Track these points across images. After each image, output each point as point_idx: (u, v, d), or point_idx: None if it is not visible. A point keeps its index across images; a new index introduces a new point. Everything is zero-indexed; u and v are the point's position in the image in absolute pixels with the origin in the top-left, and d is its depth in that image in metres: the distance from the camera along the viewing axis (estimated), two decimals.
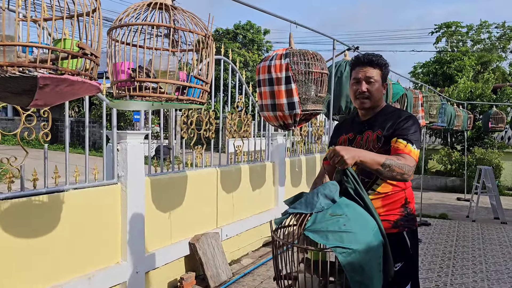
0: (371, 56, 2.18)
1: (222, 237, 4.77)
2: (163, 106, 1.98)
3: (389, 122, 2.15)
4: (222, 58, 4.89)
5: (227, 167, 5.05)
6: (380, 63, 2.17)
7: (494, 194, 7.99)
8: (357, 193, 1.85)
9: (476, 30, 30.31)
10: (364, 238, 1.71)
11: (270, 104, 3.06)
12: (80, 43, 1.30)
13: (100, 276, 3.25)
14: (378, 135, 2.15)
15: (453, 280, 4.59)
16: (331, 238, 1.68)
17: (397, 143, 2.04)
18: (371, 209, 1.82)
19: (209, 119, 4.64)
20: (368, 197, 1.84)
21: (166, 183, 4.04)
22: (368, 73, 2.15)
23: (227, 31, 28.72)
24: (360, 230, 1.72)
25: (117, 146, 3.49)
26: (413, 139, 2.06)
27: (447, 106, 7.97)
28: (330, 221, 1.71)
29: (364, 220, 1.78)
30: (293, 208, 1.84)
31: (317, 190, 1.80)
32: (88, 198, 3.24)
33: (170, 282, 4.13)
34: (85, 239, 3.21)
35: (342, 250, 1.67)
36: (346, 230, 1.69)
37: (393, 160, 1.90)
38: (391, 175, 1.89)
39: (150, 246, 3.85)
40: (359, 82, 2.17)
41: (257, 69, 3.16)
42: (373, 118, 2.23)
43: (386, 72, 2.20)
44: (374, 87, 2.15)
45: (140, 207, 3.62)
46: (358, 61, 2.21)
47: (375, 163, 1.86)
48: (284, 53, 3.06)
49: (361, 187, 1.85)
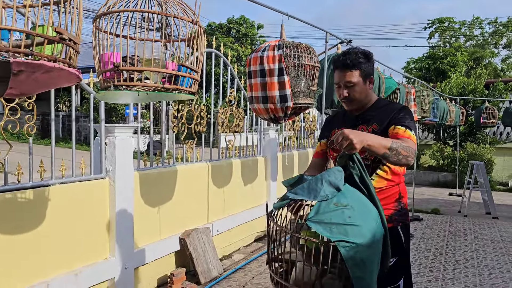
0: (346, 58, 2.09)
1: (213, 233, 4.71)
2: (151, 97, 1.91)
3: (384, 115, 2.11)
4: (214, 51, 4.81)
5: (218, 161, 4.99)
6: (357, 63, 2.08)
7: (486, 189, 8.01)
8: (362, 181, 1.79)
9: (469, 26, 30.41)
10: (368, 231, 1.65)
11: (261, 96, 3.00)
12: (57, 28, 1.23)
13: (87, 272, 3.18)
14: (374, 129, 2.11)
15: (445, 275, 4.57)
16: (335, 231, 1.61)
17: (395, 129, 2.01)
18: (375, 198, 1.77)
19: (200, 113, 4.57)
20: (373, 186, 1.79)
21: (155, 177, 3.98)
22: (347, 77, 2.09)
23: (221, 25, 28.53)
24: (364, 223, 1.66)
25: (105, 140, 3.41)
26: (411, 126, 2.03)
27: (440, 101, 7.95)
28: (335, 212, 1.64)
29: (368, 211, 1.72)
30: (294, 193, 1.75)
31: (321, 176, 1.71)
32: (75, 193, 3.16)
33: (160, 278, 4.08)
34: (72, 234, 3.14)
35: (345, 245, 1.61)
36: (351, 223, 1.62)
37: (399, 143, 1.86)
38: (397, 159, 1.84)
39: (139, 242, 3.79)
40: (340, 87, 2.13)
41: (248, 60, 3.09)
42: (366, 113, 2.19)
43: (367, 68, 2.12)
44: (355, 90, 2.10)
45: (129, 202, 3.55)
46: (335, 65, 2.15)
47: (382, 147, 1.81)
48: (277, 44, 2.99)
49: (367, 174, 1.79)
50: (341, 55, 2.13)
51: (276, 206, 1.81)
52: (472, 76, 13.85)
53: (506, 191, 11.70)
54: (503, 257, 5.26)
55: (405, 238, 2.16)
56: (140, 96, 1.68)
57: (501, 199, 9.92)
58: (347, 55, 2.10)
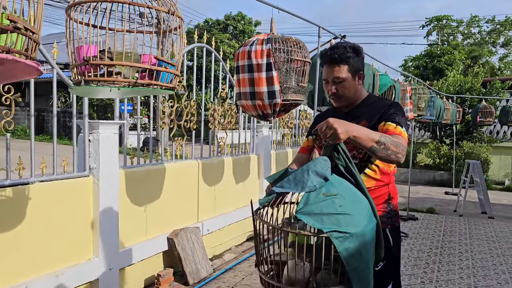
0: (334, 52, 2.00)
1: (203, 232, 4.61)
2: (126, 92, 1.80)
3: (374, 112, 2.02)
4: (205, 46, 4.70)
5: (209, 159, 4.88)
6: (346, 57, 1.98)
7: (481, 189, 7.93)
8: (348, 171, 1.70)
9: (467, 25, 30.33)
10: (360, 220, 1.57)
11: (248, 92, 2.89)
12: (10, 15, 1.12)
13: (69, 273, 3.08)
14: (363, 125, 2.00)
15: (439, 276, 4.49)
16: (326, 222, 1.52)
17: (386, 126, 1.91)
18: (363, 188, 1.68)
19: (191, 110, 4.46)
20: (359, 175, 1.70)
21: (142, 175, 3.87)
22: (335, 73, 2.00)
23: (218, 22, 28.38)
24: (356, 211, 1.57)
25: (88, 137, 3.30)
26: (402, 122, 1.93)
27: (436, 99, 7.86)
28: (325, 202, 1.55)
29: (358, 200, 1.63)
30: (280, 187, 1.65)
31: (307, 167, 1.62)
32: (57, 191, 3.05)
33: (147, 278, 3.97)
34: (54, 234, 3.03)
35: (338, 235, 1.52)
36: (343, 212, 1.54)
37: (388, 137, 1.76)
38: (385, 154, 1.74)
39: (125, 242, 3.68)
40: (328, 83, 2.05)
41: (236, 54, 2.98)
42: (356, 109, 2.10)
43: (356, 63, 2.02)
44: (343, 85, 2.02)
45: (114, 201, 3.44)
46: (323, 59, 2.06)
47: (370, 140, 1.71)
48: (266, 38, 2.88)
49: (353, 164, 1.70)
50: (329, 49, 2.03)
51: (261, 202, 1.72)
52: (470, 75, 13.74)
53: (502, 190, 11.64)
54: (499, 258, 5.18)
55: (394, 242, 2.06)
56: (113, 91, 1.57)
57: (497, 199, 9.85)
58: (335, 49, 2.01)
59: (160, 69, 1.62)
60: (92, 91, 1.74)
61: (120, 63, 1.50)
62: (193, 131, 4.59)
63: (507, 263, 4.99)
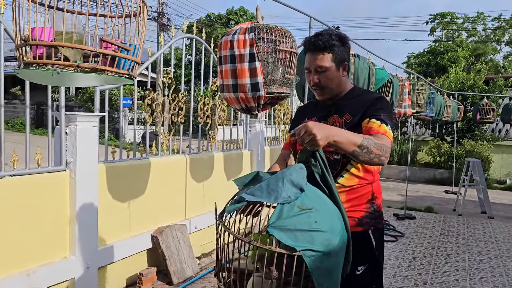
0: (317, 39, 1.85)
1: (190, 229, 4.46)
2: (73, 78, 1.61)
3: (358, 106, 1.87)
4: (194, 37, 4.53)
5: (198, 154, 4.73)
6: (330, 44, 1.84)
7: (481, 188, 7.75)
8: (324, 180, 1.58)
9: (472, 22, 30.01)
10: (334, 237, 1.46)
11: (231, 84, 2.73)
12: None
13: (42, 272, 2.93)
14: (346, 120, 1.88)
15: (433, 278, 4.33)
16: (301, 239, 1.40)
17: (370, 123, 1.78)
18: (338, 200, 1.56)
19: (178, 103, 4.30)
20: (335, 186, 1.58)
21: (125, 171, 3.72)
22: (318, 61, 1.85)
23: (220, 16, 28.15)
24: (330, 228, 1.46)
25: (65, 129, 3.14)
26: (387, 120, 1.79)
27: (436, 95, 7.66)
28: (299, 216, 1.42)
29: (332, 215, 1.51)
30: (251, 194, 1.51)
31: (282, 175, 1.49)
32: (30, 186, 2.90)
33: (129, 277, 3.83)
34: (26, 231, 2.88)
35: (311, 254, 1.41)
36: (317, 229, 1.42)
37: (371, 140, 1.64)
38: (368, 158, 1.63)
39: (106, 239, 3.54)
40: (310, 72, 1.90)
41: (218, 44, 2.82)
42: (339, 102, 1.95)
43: (341, 52, 1.87)
44: (326, 76, 1.87)
45: (92, 197, 3.29)
46: (306, 47, 1.91)
47: (351, 144, 1.59)
48: (249, 27, 2.72)
49: (329, 173, 1.58)
50: (313, 36, 1.87)
51: (229, 210, 1.56)
52: (472, 72, 13.53)
53: (503, 189, 11.45)
54: (496, 260, 5.02)
55: (377, 244, 1.91)
56: (58, 77, 1.41)
57: (497, 198, 9.67)
58: (319, 36, 1.85)
59: (109, 53, 1.46)
60: (34, 75, 1.58)
61: (59, 43, 1.34)
62: (181, 125, 4.44)
63: (505, 265, 4.83)
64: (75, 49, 1.36)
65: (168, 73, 4.17)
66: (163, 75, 4.12)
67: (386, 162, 1.69)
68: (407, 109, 5.99)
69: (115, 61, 1.62)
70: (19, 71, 1.47)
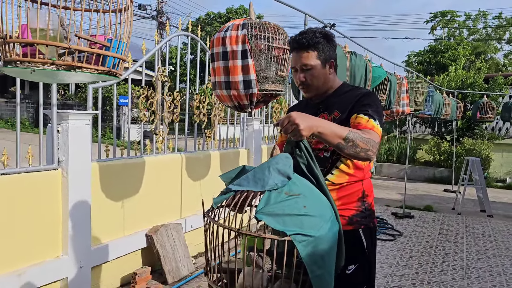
0: (302, 37, 1.83)
1: (186, 229, 4.43)
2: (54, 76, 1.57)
3: (346, 102, 1.85)
4: (190, 34, 4.50)
5: (194, 153, 4.70)
6: (314, 42, 1.81)
7: (481, 186, 7.71)
8: (310, 170, 1.55)
9: (473, 20, 29.92)
10: (325, 223, 1.42)
11: (224, 81, 2.69)
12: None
13: (33, 272, 2.91)
14: (335, 116, 1.86)
15: (431, 277, 4.29)
16: (289, 223, 1.37)
17: (357, 119, 1.75)
18: (325, 189, 1.53)
19: (173, 101, 4.27)
20: (322, 175, 1.54)
21: (119, 169, 3.69)
22: (303, 60, 1.83)
23: (219, 15, 28.08)
24: (320, 213, 1.42)
25: (57, 128, 3.11)
26: (375, 115, 1.76)
27: (435, 94, 7.63)
28: (287, 201, 1.39)
29: (321, 201, 1.48)
30: (237, 185, 1.49)
31: (268, 164, 1.47)
32: (21, 185, 2.87)
33: (124, 276, 3.80)
34: (17, 231, 2.85)
35: (302, 238, 1.37)
36: (306, 213, 1.38)
37: (357, 133, 1.62)
38: (354, 151, 1.61)
39: (99, 238, 3.51)
40: (296, 71, 1.89)
41: (211, 41, 2.78)
42: (328, 100, 1.93)
43: (326, 50, 1.85)
44: (312, 74, 1.85)
45: (85, 195, 3.26)
46: (291, 46, 1.90)
47: (336, 136, 1.57)
48: (242, 23, 2.68)
49: (315, 163, 1.55)
50: (298, 35, 1.86)
51: (216, 201, 1.54)
52: (472, 70, 13.47)
53: (503, 188, 11.40)
54: (495, 259, 4.99)
55: (368, 243, 1.87)
56: (41, 74, 1.37)
57: (497, 197, 9.63)
58: (303, 34, 1.84)
59: (85, 49, 1.42)
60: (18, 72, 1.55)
61: (34, 41, 1.30)
62: (176, 123, 4.41)
63: (503, 264, 4.79)
64: (50, 46, 1.33)
65: (164, 71, 4.14)
66: (158, 73, 4.09)
67: (373, 157, 1.67)
68: (405, 107, 5.95)
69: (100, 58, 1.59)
70: (2, 69, 1.44)
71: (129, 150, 3.90)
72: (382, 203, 8.21)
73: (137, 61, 4.02)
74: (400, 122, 13.27)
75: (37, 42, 1.29)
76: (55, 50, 1.36)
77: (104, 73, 1.49)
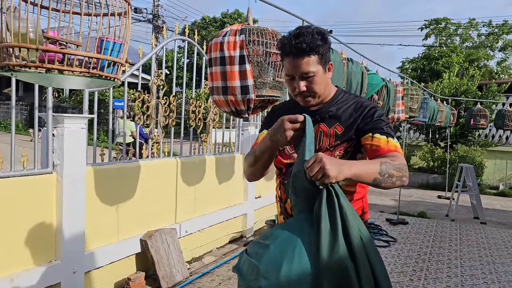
0: (301, 41, 1.58)
1: (181, 233, 4.41)
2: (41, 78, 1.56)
3: (348, 115, 1.70)
4: (187, 38, 4.49)
5: (190, 157, 4.68)
6: (315, 45, 1.59)
7: (474, 193, 7.75)
8: (317, 223, 1.38)
9: (464, 28, 30.18)
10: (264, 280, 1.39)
11: (221, 86, 2.69)
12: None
13: (26, 276, 2.87)
14: (338, 131, 1.69)
15: (425, 285, 4.29)
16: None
17: (375, 140, 1.62)
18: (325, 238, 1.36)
19: (169, 105, 4.25)
20: (340, 226, 1.38)
21: (114, 173, 3.66)
22: (304, 67, 1.60)
23: (214, 19, 28.13)
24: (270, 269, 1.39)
25: (52, 131, 3.09)
26: (391, 132, 1.66)
27: (430, 100, 7.67)
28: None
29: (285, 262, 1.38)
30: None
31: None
32: (14, 188, 2.84)
33: (117, 282, 3.76)
34: (9, 235, 2.82)
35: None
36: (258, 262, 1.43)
37: (388, 163, 1.49)
38: (390, 182, 1.49)
39: (93, 243, 3.47)
40: (293, 79, 1.65)
41: (208, 46, 2.78)
42: (325, 108, 1.74)
43: (325, 52, 1.64)
44: (315, 81, 1.64)
45: (80, 200, 3.23)
46: (285, 51, 1.63)
47: (372, 174, 1.45)
48: (240, 28, 2.68)
49: (345, 211, 1.39)
50: (293, 38, 1.60)
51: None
52: (465, 77, 13.57)
53: (496, 195, 11.47)
54: (489, 266, 5.00)
55: None
56: (12, 74, 1.36)
57: (490, 204, 9.68)
58: (300, 36, 1.59)
59: (56, 50, 1.40)
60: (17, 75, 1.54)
61: (11, 44, 1.29)
62: (172, 128, 4.39)
63: (497, 272, 4.80)
64: (31, 50, 1.31)
65: (160, 75, 4.12)
66: (154, 76, 4.07)
67: (407, 182, 1.56)
68: (401, 114, 5.98)
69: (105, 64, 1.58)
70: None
71: (124, 154, 3.87)
72: (377, 209, 8.22)
73: (133, 65, 4.00)
74: (395, 128, 13.31)
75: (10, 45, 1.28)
76: (34, 53, 1.34)
77: (98, 77, 1.47)
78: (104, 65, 1.56)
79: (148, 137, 4.12)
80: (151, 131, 4.07)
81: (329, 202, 1.38)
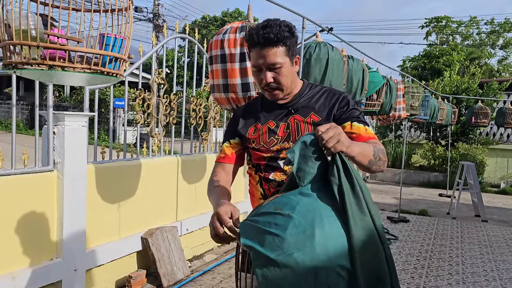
0: (267, 31, 1.57)
1: (182, 231, 4.41)
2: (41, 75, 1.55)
3: (322, 104, 1.72)
4: (187, 37, 4.49)
5: (190, 155, 4.68)
6: (283, 37, 1.59)
7: (475, 191, 7.74)
8: (341, 192, 1.33)
9: (466, 26, 30.14)
10: (296, 251, 1.27)
11: (222, 84, 2.69)
12: None
13: (27, 274, 2.87)
14: (315, 120, 1.68)
15: (426, 282, 4.29)
16: (252, 235, 1.37)
17: (354, 128, 1.64)
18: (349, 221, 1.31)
19: (170, 103, 4.25)
20: (362, 199, 1.35)
21: (115, 171, 3.66)
22: (271, 57, 1.59)
23: (215, 18, 28.12)
24: (295, 240, 1.28)
25: (53, 129, 3.09)
26: (366, 121, 1.70)
27: (431, 98, 7.66)
28: (268, 215, 1.37)
29: (310, 230, 1.29)
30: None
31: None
32: (15, 186, 2.84)
33: (118, 280, 3.77)
34: (10, 233, 2.82)
35: (253, 253, 1.33)
36: (275, 231, 1.30)
37: (376, 147, 1.53)
38: (377, 167, 1.51)
39: (94, 241, 3.48)
40: (260, 71, 1.64)
41: (209, 44, 2.77)
42: (296, 100, 1.74)
43: (293, 44, 1.64)
44: (282, 72, 1.63)
45: (80, 198, 3.23)
46: (252, 41, 1.62)
47: (369, 155, 1.46)
48: (240, 26, 2.68)
49: (353, 182, 1.35)
50: (260, 29, 1.58)
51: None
52: (466, 75, 13.55)
53: (497, 193, 11.45)
54: (490, 264, 4.99)
55: None
56: (15, 72, 1.35)
57: (491, 201, 9.67)
58: (268, 28, 1.58)
59: (55, 47, 1.40)
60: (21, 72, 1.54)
61: (12, 42, 1.29)
62: (173, 126, 4.39)
63: (499, 269, 4.80)
64: (32, 47, 1.31)
65: (160, 74, 4.12)
66: (155, 75, 4.07)
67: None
68: (402, 111, 5.97)
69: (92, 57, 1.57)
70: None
71: (125, 152, 3.88)
72: (378, 207, 8.16)
73: (134, 64, 4.00)
74: (395, 126, 13.31)
75: (8, 43, 1.28)
76: (36, 50, 1.34)
77: (100, 73, 1.47)
78: (106, 61, 1.56)
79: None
80: (152, 129, 4.06)
81: (345, 171, 1.35)
